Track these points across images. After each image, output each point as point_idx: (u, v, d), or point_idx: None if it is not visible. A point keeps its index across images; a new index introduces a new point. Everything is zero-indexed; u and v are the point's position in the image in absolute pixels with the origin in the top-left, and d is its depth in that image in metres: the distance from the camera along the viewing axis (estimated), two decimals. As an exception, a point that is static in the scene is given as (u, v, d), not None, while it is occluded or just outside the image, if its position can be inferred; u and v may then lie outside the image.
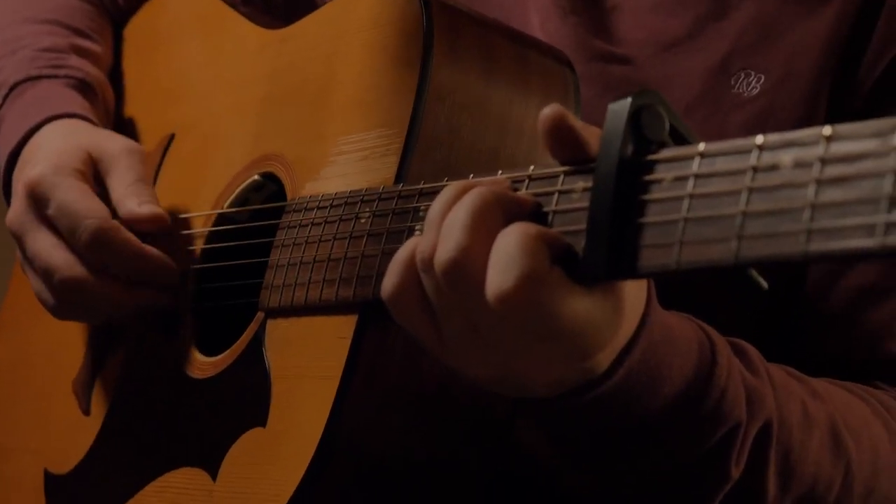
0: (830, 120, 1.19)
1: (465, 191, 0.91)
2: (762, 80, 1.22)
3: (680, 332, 0.99)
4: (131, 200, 1.32)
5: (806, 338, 1.22)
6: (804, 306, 1.21)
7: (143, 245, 1.30)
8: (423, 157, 1.11)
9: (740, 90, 1.22)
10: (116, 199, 1.34)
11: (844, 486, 1.08)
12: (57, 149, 1.36)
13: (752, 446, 1.02)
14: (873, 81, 1.19)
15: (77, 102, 1.47)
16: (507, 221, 0.89)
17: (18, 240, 1.35)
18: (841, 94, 1.20)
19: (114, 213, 1.32)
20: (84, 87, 1.50)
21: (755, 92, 1.22)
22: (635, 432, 1.00)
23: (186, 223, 1.38)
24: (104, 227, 1.29)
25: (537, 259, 0.86)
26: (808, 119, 1.20)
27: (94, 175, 1.36)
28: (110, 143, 1.38)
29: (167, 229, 1.33)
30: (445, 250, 0.89)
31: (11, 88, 1.50)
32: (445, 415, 1.11)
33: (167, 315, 1.34)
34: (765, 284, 0.85)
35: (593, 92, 1.25)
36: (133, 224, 1.31)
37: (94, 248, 1.29)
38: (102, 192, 1.35)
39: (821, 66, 1.20)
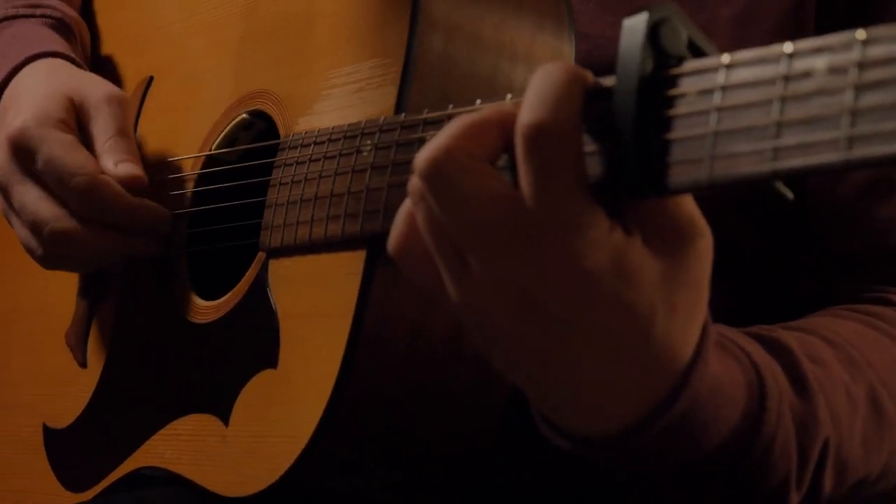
0: (818, 14, 1.19)
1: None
2: None
3: (729, 379, 0.92)
4: (108, 159, 1.30)
5: (811, 235, 1.21)
6: (809, 203, 1.20)
7: (133, 198, 1.28)
8: (421, 87, 1.09)
9: None
10: (97, 152, 1.31)
11: (890, 451, 1.06)
12: (39, 95, 1.33)
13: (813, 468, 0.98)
14: None
15: (56, 42, 1.44)
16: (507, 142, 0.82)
17: (3, 191, 1.33)
18: None
19: None
20: (62, 27, 1.47)
21: None
22: (676, 476, 0.93)
23: (174, 167, 1.35)
24: (93, 182, 1.27)
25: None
26: (796, 14, 1.19)
27: (77, 121, 1.33)
28: (92, 89, 1.35)
29: (144, 188, 1.30)
30: (425, 150, 0.82)
31: None
32: (456, 354, 1.09)
33: (159, 261, 1.32)
34: (790, 195, 0.83)
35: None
36: None
37: (84, 204, 1.27)
38: (85, 140, 1.33)
39: None
